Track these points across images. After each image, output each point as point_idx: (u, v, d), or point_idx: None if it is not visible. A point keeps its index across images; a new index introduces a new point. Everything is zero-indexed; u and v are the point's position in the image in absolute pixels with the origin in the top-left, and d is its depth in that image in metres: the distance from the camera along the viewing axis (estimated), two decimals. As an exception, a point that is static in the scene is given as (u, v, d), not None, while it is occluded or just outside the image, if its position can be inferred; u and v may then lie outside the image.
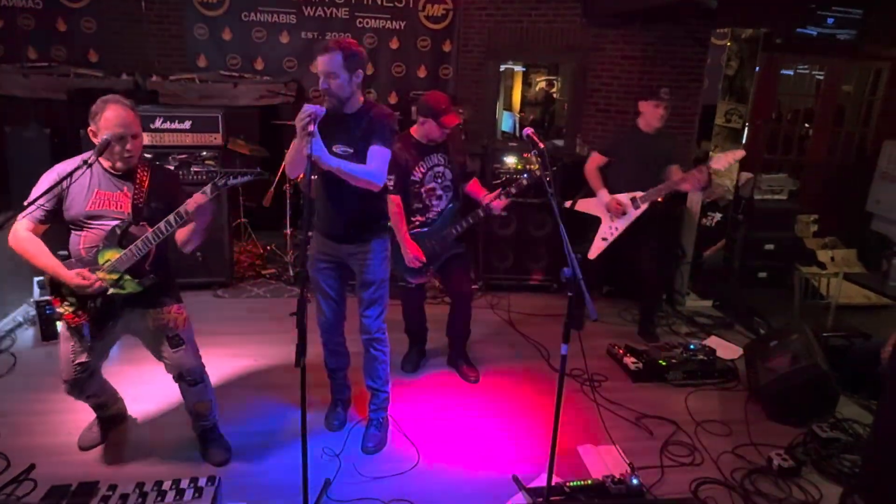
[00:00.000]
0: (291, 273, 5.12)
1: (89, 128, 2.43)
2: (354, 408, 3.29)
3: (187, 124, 4.54)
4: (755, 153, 6.10)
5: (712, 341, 4.23)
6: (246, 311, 4.52)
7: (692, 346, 3.90)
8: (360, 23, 6.78)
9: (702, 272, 5.22)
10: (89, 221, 2.46)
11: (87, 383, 2.71)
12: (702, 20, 5.64)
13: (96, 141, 2.42)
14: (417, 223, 3.50)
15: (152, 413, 3.19)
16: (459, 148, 3.58)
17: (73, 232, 2.50)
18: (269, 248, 5.67)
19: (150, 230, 2.44)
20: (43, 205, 2.41)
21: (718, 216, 5.54)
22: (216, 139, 4.62)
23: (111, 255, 2.45)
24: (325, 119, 2.54)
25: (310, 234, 2.94)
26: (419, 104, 3.39)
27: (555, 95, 9.30)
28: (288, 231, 5.25)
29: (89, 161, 2.32)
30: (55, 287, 2.52)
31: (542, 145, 2.47)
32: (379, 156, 2.64)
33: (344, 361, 3.15)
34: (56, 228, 2.54)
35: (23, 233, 2.43)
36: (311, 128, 2.33)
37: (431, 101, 3.32)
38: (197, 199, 2.40)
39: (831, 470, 2.89)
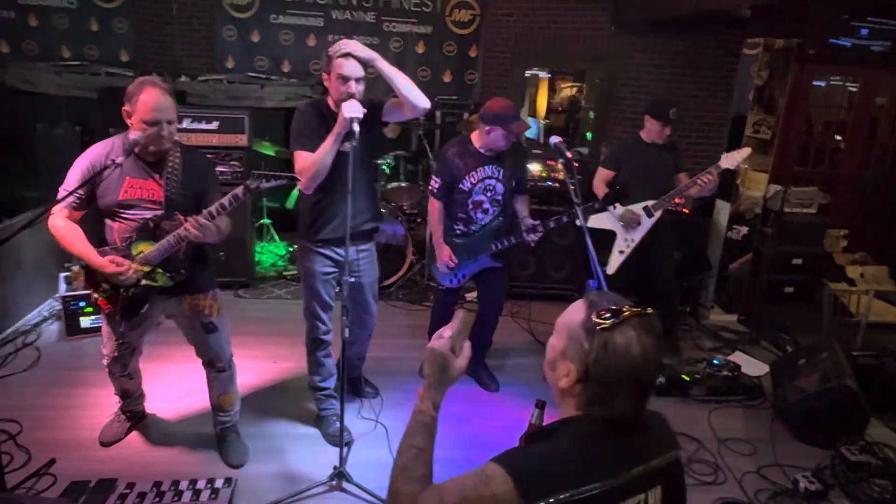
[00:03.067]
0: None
1: (124, 107, 2.42)
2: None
3: (214, 125, 4.58)
4: (784, 165, 5.98)
5: (737, 357, 4.15)
6: (266, 311, 4.54)
7: (716, 362, 3.83)
8: (386, 27, 6.81)
9: (727, 286, 5.13)
10: (122, 211, 2.48)
11: (128, 359, 2.78)
12: (732, 30, 5.56)
13: (129, 122, 2.42)
14: (458, 232, 3.40)
15: (173, 411, 3.21)
16: (520, 161, 3.44)
17: (106, 220, 2.53)
18: (290, 249, 5.70)
19: (183, 226, 2.42)
20: (78, 191, 2.42)
21: (745, 229, 5.44)
22: (242, 140, 4.66)
23: (144, 248, 2.47)
24: (322, 122, 2.66)
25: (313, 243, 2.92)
26: (483, 112, 3.19)
27: (582, 103, 9.23)
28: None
29: (118, 162, 2.34)
30: (90, 274, 2.55)
31: (569, 155, 2.44)
32: None
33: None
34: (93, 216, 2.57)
35: (60, 220, 2.45)
36: (356, 127, 2.42)
37: (498, 108, 3.12)
38: (229, 201, 2.38)
39: (860, 495, 2.81)
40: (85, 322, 3.94)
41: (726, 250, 5.01)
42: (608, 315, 1.19)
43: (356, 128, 2.47)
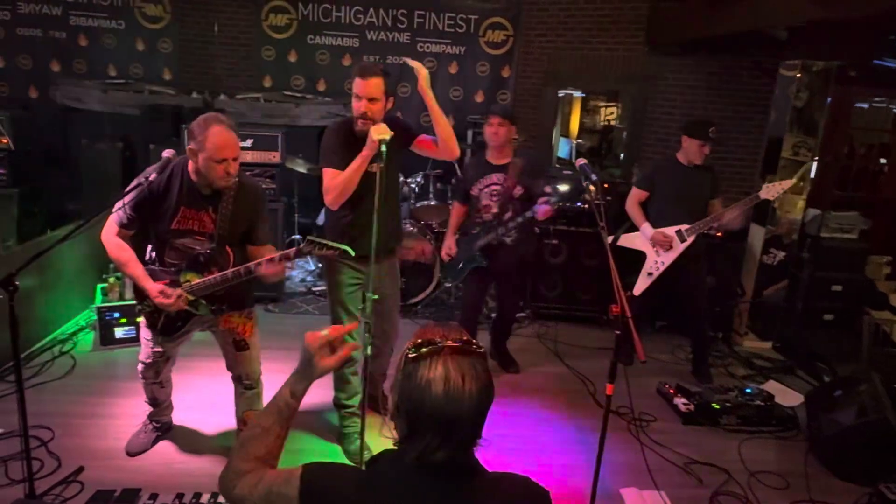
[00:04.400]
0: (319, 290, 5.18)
1: (188, 146, 2.43)
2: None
3: (249, 142, 4.69)
4: (824, 189, 5.82)
5: (771, 386, 4.02)
6: (294, 327, 4.58)
7: (749, 390, 3.71)
8: (420, 47, 6.89)
9: (762, 312, 4.99)
10: (173, 239, 2.54)
11: (161, 366, 2.85)
12: (769, 51, 5.46)
13: (194, 160, 2.43)
14: (472, 235, 3.80)
15: (198, 422, 3.25)
16: (530, 172, 3.64)
17: (160, 243, 2.59)
18: (320, 265, 5.76)
19: (230, 270, 2.48)
20: (129, 212, 2.49)
21: (782, 254, 5.29)
22: (275, 157, 4.76)
23: (191, 278, 2.54)
24: (351, 141, 2.69)
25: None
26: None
27: (612, 123, 9.17)
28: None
29: (150, 179, 2.41)
30: (137, 289, 2.62)
31: (594, 176, 2.43)
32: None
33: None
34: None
35: (114, 238, 2.53)
36: (383, 149, 2.47)
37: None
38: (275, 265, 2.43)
39: (899, 536, 2.68)
40: (119, 332, 4.04)
41: (761, 275, 4.88)
42: (421, 344, 1.14)
43: (384, 149, 2.51)
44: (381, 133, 2.53)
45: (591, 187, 2.37)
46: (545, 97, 6.93)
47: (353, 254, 2.36)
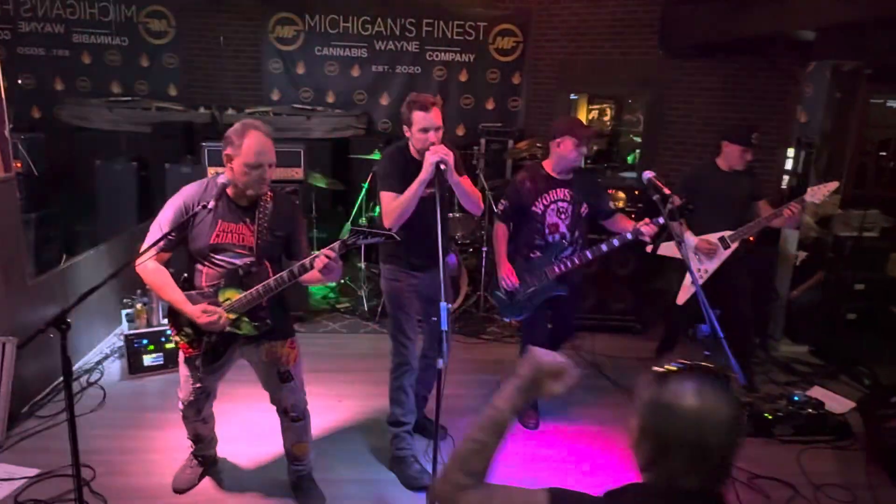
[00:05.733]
0: (366, 307, 5.07)
1: (225, 151, 2.37)
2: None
3: (270, 159, 4.57)
4: (846, 188, 5.79)
5: (816, 392, 3.95)
6: (324, 346, 4.47)
7: (796, 398, 3.65)
8: (429, 56, 6.83)
9: (794, 315, 4.93)
10: (212, 255, 2.44)
11: (203, 403, 2.72)
12: (789, 52, 5.44)
13: (229, 166, 2.36)
14: (534, 258, 3.35)
15: (244, 455, 3.13)
16: (590, 182, 3.45)
17: (196, 265, 2.48)
18: (342, 280, 5.65)
19: (272, 278, 2.38)
20: (170, 232, 2.39)
21: (804, 254, 5.26)
22: (298, 173, 4.65)
23: (231, 295, 2.43)
24: (409, 165, 2.73)
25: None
26: (551, 128, 3.32)
27: (608, 126, 9.11)
28: (363, 264, 5.22)
29: (209, 206, 2.30)
30: (173, 317, 2.51)
31: (667, 191, 2.35)
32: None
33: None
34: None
35: (150, 263, 2.42)
36: (443, 167, 2.50)
37: (563, 120, 3.36)
38: (324, 258, 2.29)
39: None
40: (147, 360, 3.91)
41: (794, 278, 4.83)
42: (670, 367, 1.13)
43: (443, 167, 2.56)
44: (438, 154, 2.59)
45: (676, 200, 2.29)
46: (557, 104, 6.87)
47: (397, 238, 2.34)
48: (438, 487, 1.29)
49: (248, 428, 3.31)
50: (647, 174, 2.53)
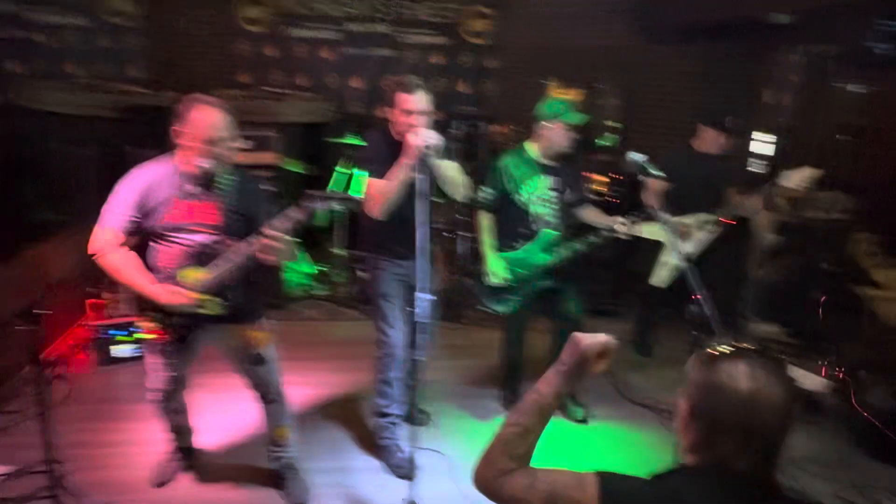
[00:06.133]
0: (345, 293, 4.99)
1: (173, 126, 2.27)
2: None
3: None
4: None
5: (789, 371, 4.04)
6: (303, 334, 4.38)
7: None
8: (401, 38, 6.70)
9: (761, 294, 5.04)
10: (170, 234, 2.34)
11: (174, 393, 2.63)
12: (765, 37, 5.50)
13: (180, 142, 2.27)
14: (519, 249, 3.23)
15: (222, 445, 3.07)
16: (574, 170, 3.32)
17: (151, 244, 2.38)
18: (319, 268, 5.55)
19: (231, 251, 2.31)
20: (129, 215, 2.29)
21: (772, 236, 5.37)
22: (271, 158, 4.54)
23: (195, 274, 2.33)
24: (393, 148, 2.62)
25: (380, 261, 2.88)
26: (538, 111, 3.17)
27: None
28: (342, 251, 5.13)
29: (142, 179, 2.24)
30: (138, 303, 2.40)
31: (655, 174, 2.34)
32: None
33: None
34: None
35: (115, 254, 2.31)
36: (428, 150, 2.43)
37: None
38: (261, 240, 2.24)
39: (949, 516, 2.71)
40: (116, 351, 3.78)
41: (764, 259, 4.93)
42: (719, 348, 1.13)
43: (429, 152, 2.48)
44: (425, 137, 2.50)
45: (653, 182, 2.28)
46: (531, 88, 6.84)
47: (355, 200, 2.32)
48: (480, 472, 1.26)
49: (222, 417, 3.24)
50: (635, 155, 2.52)
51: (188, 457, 2.90)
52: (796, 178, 3.60)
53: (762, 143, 5.23)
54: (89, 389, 3.54)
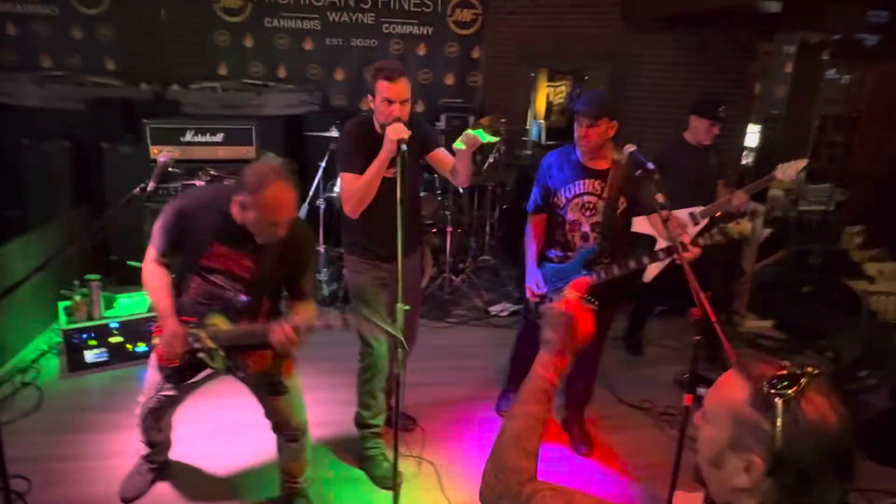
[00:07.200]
0: (325, 292, 4.84)
1: (238, 197, 2.03)
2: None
3: (219, 137, 4.27)
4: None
5: (783, 367, 3.95)
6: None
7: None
8: (386, 28, 6.53)
9: (758, 290, 4.96)
10: (204, 273, 2.19)
11: (166, 413, 2.50)
12: (752, 25, 5.40)
13: (241, 213, 2.05)
14: (556, 259, 2.85)
15: (201, 457, 2.90)
16: (635, 179, 2.65)
17: (188, 272, 2.23)
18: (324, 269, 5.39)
19: (260, 322, 2.16)
20: (164, 240, 2.18)
21: (768, 231, 5.29)
22: (250, 152, 4.36)
23: (218, 322, 2.19)
24: (372, 142, 2.47)
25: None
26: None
27: (560, 102, 9.00)
28: (321, 248, 4.98)
29: (183, 209, 2.11)
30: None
31: (650, 165, 2.22)
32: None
33: None
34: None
35: (150, 264, 2.21)
36: (404, 147, 2.23)
37: (585, 95, 2.71)
38: (280, 334, 2.08)
39: (952, 520, 2.62)
40: (90, 356, 3.61)
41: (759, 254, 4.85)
42: (785, 383, 0.96)
43: (404, 148, 2.29)
44: (398, 133, 2.32)
45: (655, 177, 2.15)
46: (518, 78, 6.71)
47: (403, 341, 2.08)
48: (492, 481, 1.12)
49: (205, 427, 3.08)
50: (629, 148, 2.40)
51: (162, 470, 2.75)
52: (791, 171, 3.49)
53: (752, 135, 5.13)
54: (59, 397, 3.37)
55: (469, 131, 2.40)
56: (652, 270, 3.87)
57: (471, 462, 2.94)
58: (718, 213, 3.81)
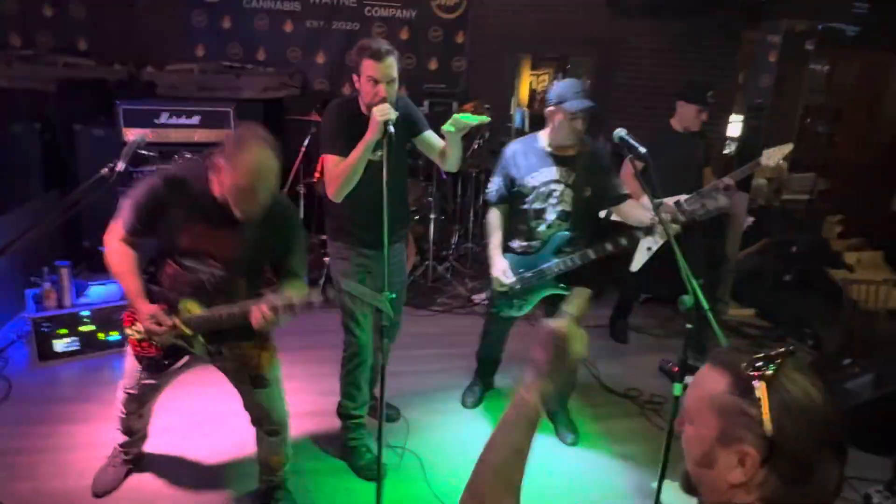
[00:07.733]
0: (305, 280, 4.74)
1: (216, 159, 1.93)
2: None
3: (196, 119, 4.15)
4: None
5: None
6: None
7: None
8: (368, 11, 6.38)
9: (741, 279, 4.96)
10: (180, 257, 2.08)
11: (149, 398, 2.40)
12: (739, 12, 5.37)
13: (217, 178, 1.96)
14: (519, 249, 2.84)
15: (177, 448, 2.81)
16: (598, 164, 2.78)
17: (163, 257, 2.13)
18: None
19: (238, 305, 2.05)
20: (136, 219, 2.05)
21: (751, 219, 5.29)
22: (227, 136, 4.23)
23: (192, 308, 2.09)
24: (357, 123, 2.39)
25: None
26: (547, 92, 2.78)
27: (542, 89, 8.94)
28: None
29: (156, 189, 1.98)
30: (131, 306, 2.17)
31: (642, 149, 2.17)
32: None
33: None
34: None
35: (115, 243, 2.08)
36: (391, 129, 2.17)
37: (561, 86, 2.65)
38: (258, 314, 1.99)
39: (935, 507, 2.63)
40: (59, 345, 3.49)
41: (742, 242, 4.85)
42: (762, 363, 0.92)
43: (391, 130, 2.22)
44: (384, 114, 2.24)
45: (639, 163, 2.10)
46: (503, 64, 6.62)
47: (390, 296, 1.98)
48: None
49: (181, 417, 2.99)
50: (620, 131, 2.34)
51: (136, 462, 2.65)
52: (776, 157, 3.47)
53: (735, 125, 5.12)
54: (28, 388, 3.25)
55: (457, 115, 2.33)
56: (637, 259, 3.85)
57: (455, 452, 2.89)
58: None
